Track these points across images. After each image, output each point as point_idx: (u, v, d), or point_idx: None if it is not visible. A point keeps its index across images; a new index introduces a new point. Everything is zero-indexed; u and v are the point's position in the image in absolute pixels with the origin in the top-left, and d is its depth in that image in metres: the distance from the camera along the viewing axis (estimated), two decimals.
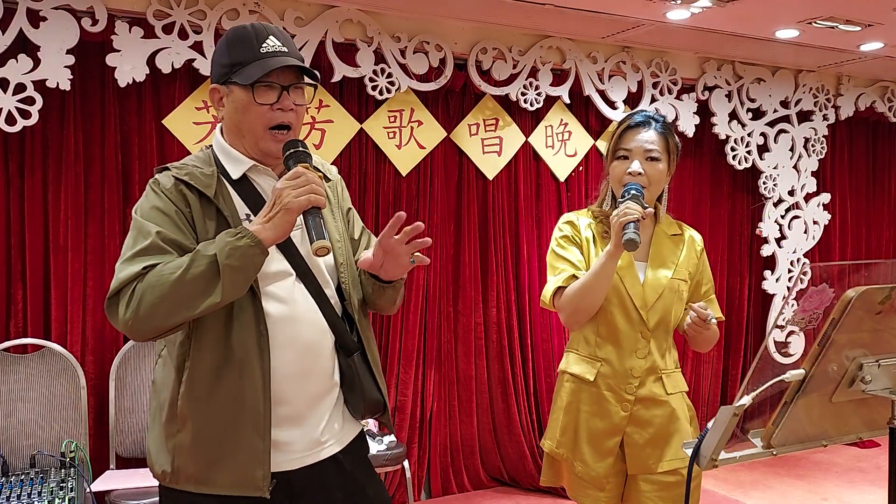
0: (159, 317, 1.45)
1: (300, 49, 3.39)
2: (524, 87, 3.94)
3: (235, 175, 1.62)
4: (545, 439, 2.23)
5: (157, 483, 1.62)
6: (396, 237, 1.59)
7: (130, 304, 1.46)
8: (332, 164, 1.89)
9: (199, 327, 1.55)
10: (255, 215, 1.58)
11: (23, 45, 2.97)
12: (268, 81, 1.55)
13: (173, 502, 1.62)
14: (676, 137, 2.19)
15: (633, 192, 2.03)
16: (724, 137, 4.52)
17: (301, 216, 1.50)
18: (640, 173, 2.08)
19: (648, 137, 2.10)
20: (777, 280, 4.74)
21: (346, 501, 1.70)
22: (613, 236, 1.98)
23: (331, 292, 1.69)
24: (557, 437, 2.16)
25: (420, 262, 1.64)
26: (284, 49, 1.59)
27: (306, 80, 1.63)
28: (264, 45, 1.57)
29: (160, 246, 1.50)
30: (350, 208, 1.85)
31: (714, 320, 2.04)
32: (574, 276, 2.11)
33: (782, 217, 4.75)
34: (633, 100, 4.24)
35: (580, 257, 2.15)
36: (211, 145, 1.68)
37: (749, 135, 4.58)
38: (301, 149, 1.58)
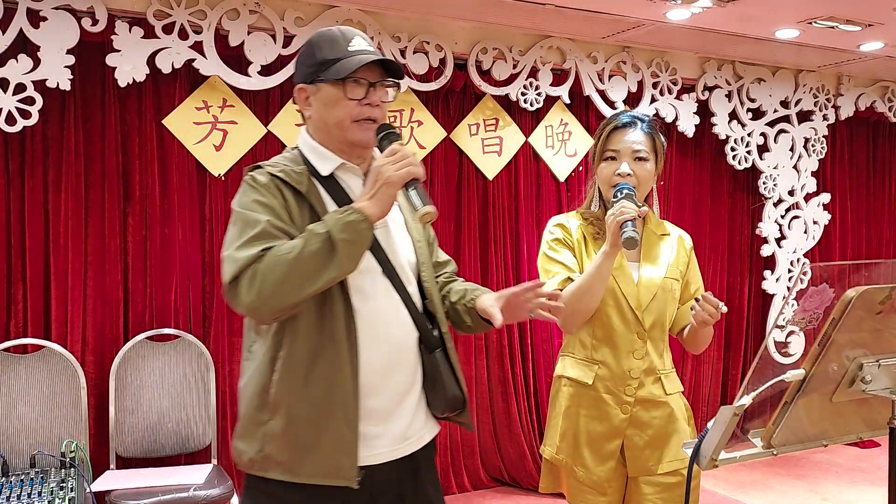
0: (282, 294, 1.49)
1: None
2: (524, 87, 3.94)
3: (325, 172, 1.67)
4: (545, 446, 2.20)
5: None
6: (527, 297, 1.68)
7: (253, 286, 1.49)
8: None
9: (293, 318, 1.58)
10: None
11: (23, 45, 2.97)
12: (356, 77, 1.61)
13: (259, 491, 1.65)
14: (662, 137, 2.18)
15: (625, 191, 2.03)
16: (724, 137, 4.52)
17: (402, 190, 1.57)
18: (629, 174, 2.07)
19: (636, 138, 2.09)
20: (777, 280, 4.74)
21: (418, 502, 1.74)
22: (610, 235, 1.96)
23: (413, 290, 1.74)
24: (557, 443, 2.14)
25: (544, 318, 1.71)
26: (370, 48, 1.66)
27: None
28: (351, 43, 1.64)
29: (271, 232, 1.54)
30: None
31: (724, 307, 2.02)
32: (569, 279, 2.09)
33: (782, 217, 4.75)
34: (633, 100, 4.24)
35: (573, 259, 2.13)
36: (297, 146, 1.74)
37: (749, 135, 4.58)
38: (388, 131, 1.64)
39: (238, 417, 1.69)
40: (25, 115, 2.96)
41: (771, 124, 4.64)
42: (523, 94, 3.95)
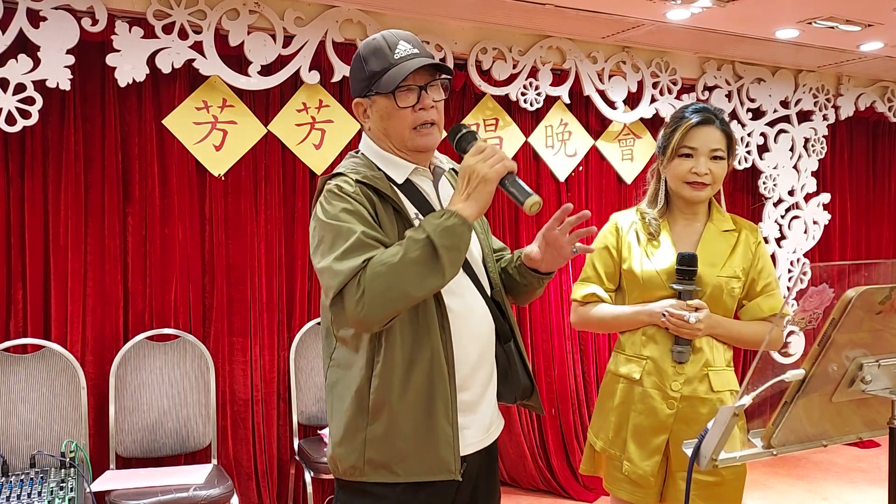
0: (388, 303, 1.49)
1: (299, 49, 3.40)
2: (524, 87, 3.94)
3: (400, 179, 1.71)
4: (596, 438, 2.22)
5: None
6: (559, 228, 1.69)
7: (360, 297, 1.49)
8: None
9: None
10: (422, 215, 1.66)
11: (23, 45, 2.97)
12: (406, 85, 1.63)
13: (359, 497, 1.65)
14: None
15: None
16: None
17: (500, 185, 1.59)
18: (706, 173, 2.08)
19: (714, 136, 2.10)
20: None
21: (487, 491, 1.79)
22: (653, 319, 2.08)
23: (485, 282, 1.77)
24: (610, 437, 2.17)
25: (583, 251, 1.73)
26: (416, 51, 1.67)
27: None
28: (396, 51, 1.65)
29: (367, 243, 1.54)
30: None
31: (692, 317, 2.04)
32: (595, 295, 2.18)
33: (782, 217, 4.75)
34: (632, 100, 4.24)
35: (611, 270, 2.20)
36: (360, 153, 1.76)
37: (749, 135, 4.58)
38: (465, 131, 1.69)
39: (331, 428, 1.69)
40: (25, 115, 2.96)
41: (771, 124, 4.64)
42: (523, 94, 3.95)
